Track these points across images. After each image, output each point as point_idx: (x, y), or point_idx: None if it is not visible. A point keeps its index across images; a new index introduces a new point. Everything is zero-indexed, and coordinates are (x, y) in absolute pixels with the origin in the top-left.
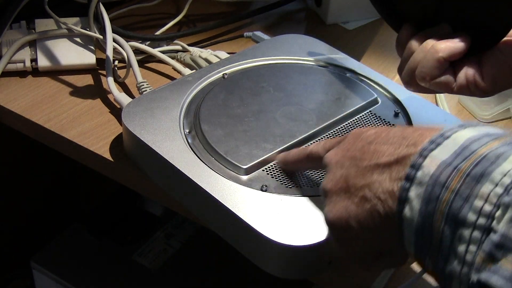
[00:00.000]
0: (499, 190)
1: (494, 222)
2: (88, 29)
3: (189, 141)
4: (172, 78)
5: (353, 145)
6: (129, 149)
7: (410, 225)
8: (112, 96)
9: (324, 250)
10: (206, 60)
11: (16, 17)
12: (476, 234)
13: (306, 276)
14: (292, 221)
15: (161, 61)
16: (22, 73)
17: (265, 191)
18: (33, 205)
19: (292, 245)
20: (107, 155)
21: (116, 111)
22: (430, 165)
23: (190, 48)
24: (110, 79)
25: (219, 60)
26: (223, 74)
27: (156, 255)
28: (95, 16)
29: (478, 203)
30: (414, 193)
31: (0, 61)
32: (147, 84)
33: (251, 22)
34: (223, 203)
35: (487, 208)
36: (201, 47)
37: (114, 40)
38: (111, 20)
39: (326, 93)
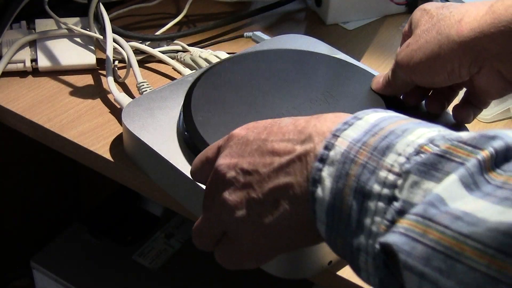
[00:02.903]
0: (401, 159)
1: (397, 191)
2: (88, 29)
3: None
4: (172, 78)
5: (247, 147)
6: (129, 149)
7: (322, 205)
8: (112, 96)
9: (324, 250)
10: (206, 60)
11: (16, 17)
12: (381, 204)
13: (306, 276)
14: None
15: (161, 61)
16: (22, 73)
17: None
18: (33, 205)
19: None
20: (107, 155)
21: (116, 111)
22: (342, 144)
23: (190, 48)
24: (110, 79)
25: (219, 60)
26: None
27: (156, 255)
28: (95, 16)
29: (382, 174)
30: (326, 172)
31: (0, 61)
32: (147, 84)
33: (251, 22)
34: None
35: (391, 177)
36: (201, 47)
37: (114, 40)
38: (111, 20)
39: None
